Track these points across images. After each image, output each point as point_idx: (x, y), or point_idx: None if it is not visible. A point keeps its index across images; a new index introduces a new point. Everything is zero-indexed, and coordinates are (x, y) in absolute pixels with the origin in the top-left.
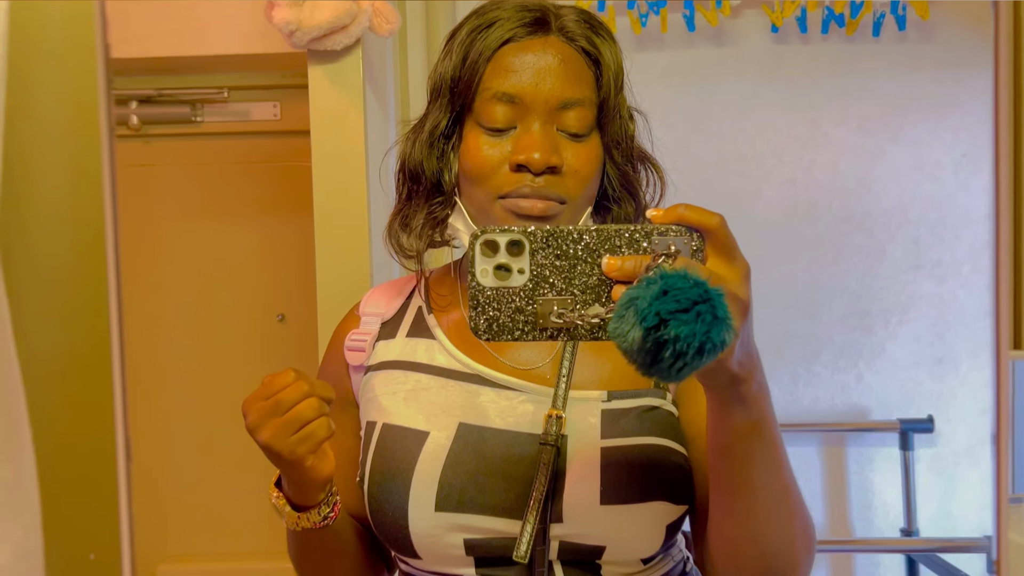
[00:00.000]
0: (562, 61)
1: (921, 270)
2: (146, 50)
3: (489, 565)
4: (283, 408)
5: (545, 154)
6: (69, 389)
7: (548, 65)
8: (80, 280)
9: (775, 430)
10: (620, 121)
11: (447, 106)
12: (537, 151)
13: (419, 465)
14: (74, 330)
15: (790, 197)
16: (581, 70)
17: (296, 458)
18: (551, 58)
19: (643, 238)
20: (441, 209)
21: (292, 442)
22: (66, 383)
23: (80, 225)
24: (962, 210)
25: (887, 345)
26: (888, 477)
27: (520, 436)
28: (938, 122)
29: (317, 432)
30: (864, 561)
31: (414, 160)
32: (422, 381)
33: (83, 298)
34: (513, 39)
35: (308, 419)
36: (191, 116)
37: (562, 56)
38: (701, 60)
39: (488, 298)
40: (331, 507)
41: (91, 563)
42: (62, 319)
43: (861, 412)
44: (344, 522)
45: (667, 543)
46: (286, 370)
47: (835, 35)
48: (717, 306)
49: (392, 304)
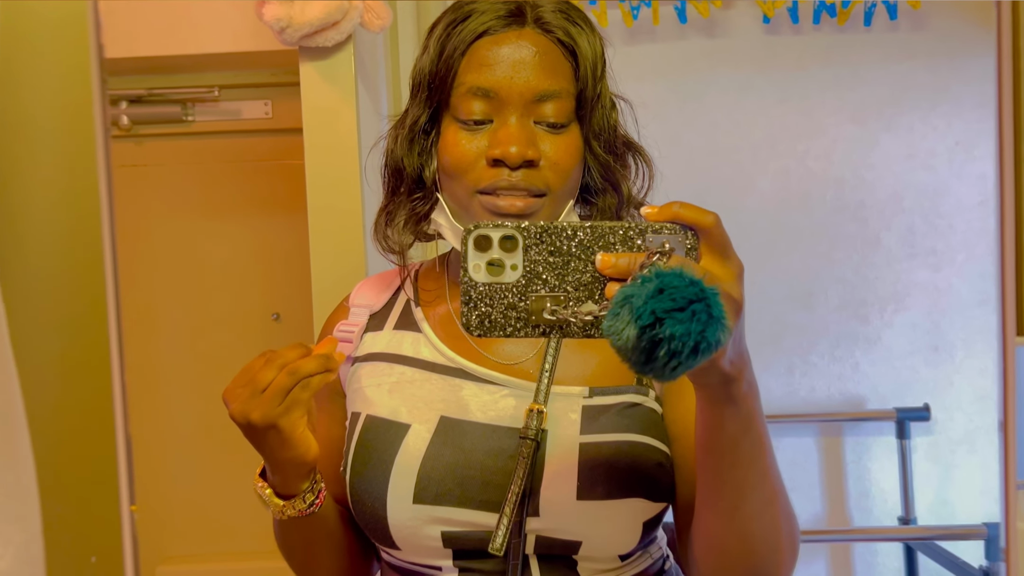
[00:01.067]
0: (537, 53)
1: (916, 259)
2: (136, 49)
3: (466, 557)
4: (262, 386)
5: (521, 148)
6: (68, 392)
7: (523, 58)
8: (77, 282)
9: (764, 430)
10: (601, 111)
11: (425, 101)
12: (513, 144)
13: (399, 457)
14: (72, 332)
15: (784, 188)
16: (557, 61)
17: (289, 426)
18: (526, 50)
19: (637, 235)
20: (423, 204)
21: (279, 412)
22: (65, 386)
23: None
24: (956, 198)
25: (883, 334)
26: (885, 466)
27: (500, 430)
28: (931, 110)
29: (299, 395)
30: (862, 550)
31: (396, 156)
32: (406, 374)
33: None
34: (488, 32)
35: (288, 386)
36: (182, 115)
37: (538, 48)
38: (693, 52)
39: (480, 294)
40: (316, 495)
41: (92, 566)
42: (60, 322)
43: (858, 401)
44: (330, 509)
45: (645, 540)
46: (259, 355)
47: (827, 25)
48: (712, 305)
49: (381, 296)
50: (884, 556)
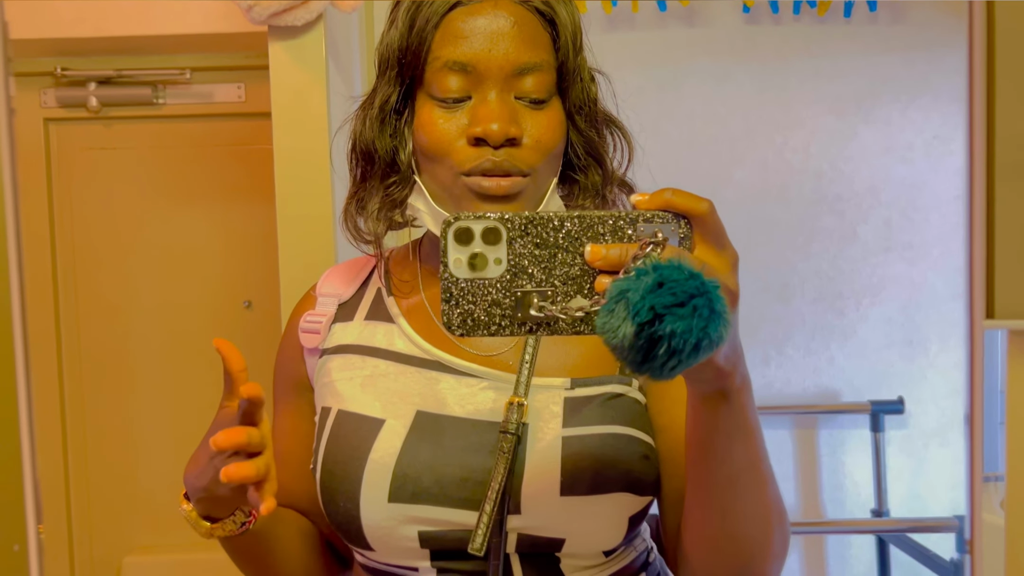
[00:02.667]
0: (515, 23)
1: (892, 252)
2: (105, 29)
3: (445, 558)
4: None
5: (503, 125)
6: None
7: (500, 29)
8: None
9: (756, 425)
10: (581, 84)
11: (396, 79)
12: (495, 121)
13: (373, 454)
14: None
15: (762, 179)
16: (536, 32)
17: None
18: (503, 21)
19: (628, 225)
20: (399, 189)
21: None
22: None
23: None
24: (932, 192)
25: (858, 327)
26: (859, 458)
27: (480, 424)
28: (909, 103)
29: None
30: (835, 542)
31: (366, 139)
32: (380, 367)
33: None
34: (461, 3)
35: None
36: (152, 98)
37: (515, 18)
38: (672, 41)
39: (462, 290)
40: (247, 513)
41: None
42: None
43: (832, 394)
44: (272, 522)
45: (629, 534)
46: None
47: (807, 16)
48: (714, 299)
49: (350, 285)
50: (857, 548)
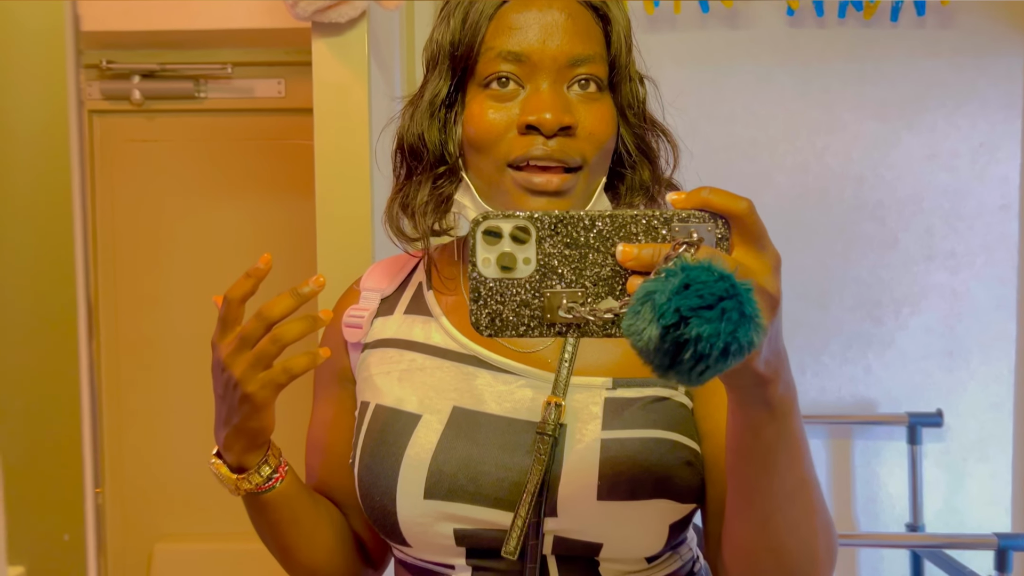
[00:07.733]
0: (569, 16)
1: (934, 261)
2: (149, 23)
3: (480, 556)
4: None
5: (557, 113)
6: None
7: (555, 21)
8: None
9: (801, 435)
10: (631, 83)
11: (447, 72)
12: (548, 111)
13: (409, 449)
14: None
15: (802, 183)
16: (589, 26)
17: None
18: (557, 13)
19: (662, 225)
20: (447, 184)
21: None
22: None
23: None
24: (977, 201)
25: (897, 336)
26: (895, 471)
27: (517, 423)
28: (955, 110)
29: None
30: (868, 555)
31: (414, 133)
32: (417, 361)
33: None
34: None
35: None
36: (194, 92)
37: (568, 11)
38: (714, 43)
39: (490, 290)
40: (274, 468)
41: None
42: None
43: (869, 404)
44: (298, 494)
45: (673, 542)
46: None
47: (852, 19)
48: (745, 302)
49: (393, 280)
50: (890, 563)
